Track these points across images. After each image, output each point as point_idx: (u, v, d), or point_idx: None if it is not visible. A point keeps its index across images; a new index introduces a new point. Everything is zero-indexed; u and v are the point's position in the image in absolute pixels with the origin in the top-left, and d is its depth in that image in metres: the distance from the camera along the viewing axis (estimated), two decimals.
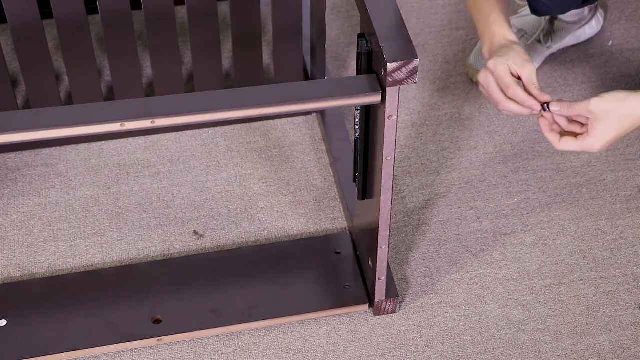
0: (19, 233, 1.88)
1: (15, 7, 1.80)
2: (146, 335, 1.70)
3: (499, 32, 1.67)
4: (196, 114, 1.43)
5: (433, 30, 2.23)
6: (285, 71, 2.02)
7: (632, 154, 2.00)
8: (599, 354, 1.72)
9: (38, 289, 1.77)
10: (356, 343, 1.73)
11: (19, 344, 1.68)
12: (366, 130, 1.60)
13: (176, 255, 1.85)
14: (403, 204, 1.92)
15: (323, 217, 1.90)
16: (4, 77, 1.90)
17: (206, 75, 1.99)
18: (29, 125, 1.41)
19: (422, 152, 2.01)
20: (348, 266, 1.79)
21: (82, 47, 1.89)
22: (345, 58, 2.18)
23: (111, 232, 1.88)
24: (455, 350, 1.72)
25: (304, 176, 1.97)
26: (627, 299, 1.79)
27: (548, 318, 1.76)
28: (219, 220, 1.90)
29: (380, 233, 1.63)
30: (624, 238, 1.87)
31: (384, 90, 1.46)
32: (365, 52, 1.50)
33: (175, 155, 2.00)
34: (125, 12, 1.85)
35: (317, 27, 1.95)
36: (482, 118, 2.06)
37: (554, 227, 1.89)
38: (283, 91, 1.46)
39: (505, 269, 1.83)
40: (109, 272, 1.79)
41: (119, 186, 1.95)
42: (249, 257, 1.81)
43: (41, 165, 1.98)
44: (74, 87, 1.95)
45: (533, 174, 1.96)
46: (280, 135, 2.04)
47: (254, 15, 1.92)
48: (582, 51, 2.18)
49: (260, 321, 1.72)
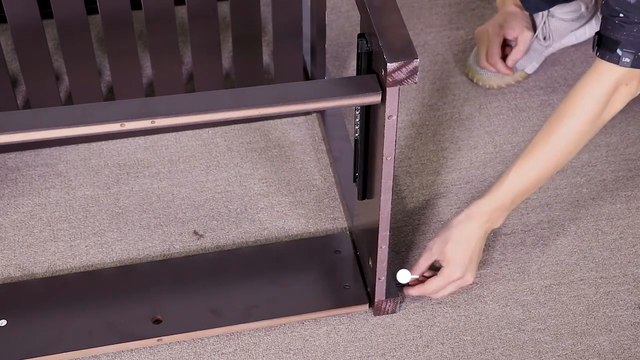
0: (19, 233, 1.88)
1: (15, 7, 1.80)
2: (146, 335, 1.70)
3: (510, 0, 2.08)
4: (196, 114, 1.43)
5: (433, 30, 2.23)
6: (285, 71, 2.02)
7: (632, 154, 2.00)
8: (599, 354, 1.72)
9: (38, 289, 1.77)
10: (356, 343, 1.73)
11: (19, 344, 1.68)
12: (366, 130, 1.60)
13: (176, 255, 1.85)
14: (403, 204, 1.92)
15: (323, 217, 1.90)
16: (4, 77, 1.90)
17: (206, 75, 1.99)
18: (29, 125, 1.41)
19: (422, 152, 2.01)
20: (348, 266, 1.79)
21: (82, 47, 1.89)
22: (345, 58, 2.18)
23: (111, 232, 1.88)
24: (455, 350, 1.72)
25: (304, 176, 1.97)
26: (627, 299, 1.79)
27: (548, 318, 1.76)
28: (219, 220, 1.90)
29: (380, 233, 1.63)
30: (624, 238, 1.87)
31: (384, 90, 1.46)
32: (365, 52, 1.50)
33: (175, 155, 2.00)
34: (125, 12, 1.85)
35: (317, 27, 1.95)
36: (482, 118, 2.06)
37: (554, 227, 1.89)
38: (283, 91, 1.46)
39: (505, 269, 1.83)
40: (109, 272, 1.79)
41: (119, 186, 1.95)
42: (249, 257, 1.81)
43: (41, 165, 1.98)
44: (74, 87, 1.95)
45: None
46: (280, 135, 2.03)
47: (254, 15, 1.92)
48: (582, 51, 2.18)
49: (260, 321, 1.72)
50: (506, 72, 2.07)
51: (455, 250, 1.70)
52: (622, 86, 1.60)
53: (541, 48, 2.12)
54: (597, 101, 1.60)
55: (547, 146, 1.65)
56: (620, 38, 1.56)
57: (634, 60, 1.57)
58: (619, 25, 1.56)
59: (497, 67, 2.06)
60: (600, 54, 1.59)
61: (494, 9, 2.27)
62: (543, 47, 2.12)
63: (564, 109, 1.63)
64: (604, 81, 1.59)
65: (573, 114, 1.62)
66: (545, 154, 1.65)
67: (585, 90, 1.61)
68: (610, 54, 1.58)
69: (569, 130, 1.63)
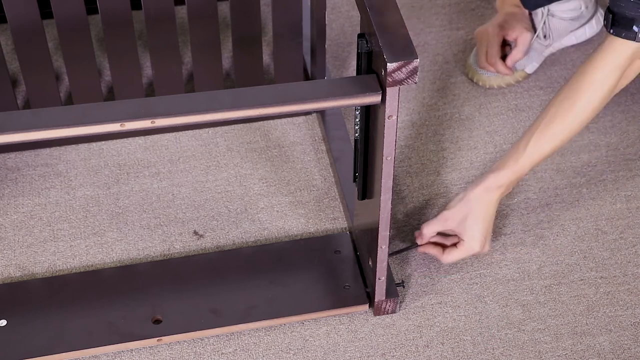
0: (19, 233, 1.88)
1: (15, 7, 1.80)
2: (146, 335, 1.70)
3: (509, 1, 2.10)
4: (196, 114, 1.43)
5: (433, 30, 2.23)
6: (285, 71, 2.02)
7: (632, 154, 2.00)
8: (599, 354, 1.72)
9: (38, 289, 1.77)
10: (356, 343, 1.73)
11: (19, 344, 1.68)
12: (366, 130, 1.60)
13: (176, 255, 1.85)
14: (403, 204, 1.92)
15: (323, 217, 1.90)
16: (4, 77, 1.90)
17: (206, 75, 1.99)
18: (29, 125, 1.41)
19: (422, 152, 2.01)
20: (348, 266, 1.79)
21: (82, 47, 1.89)
22: (345, 58, 2.18)
23: (111, 232, 1.88)
24: (455, 350, 1.72)
25: (304, 176, 1.97)
26: (627, 299, 1.79)
27: (548, 318, 1.76)
28: (219, 220, 1.90)
29: (380, 233, 1.63)
30: (624, 238, 1.87)
31: (384, 90, 1.46)
32: (365, 52, 1.50)
33: (175, 155, 2.00)
34: (125, 12, 1.85)
35: (317, 27, 1.95)
36: (482, 118, 2.06)
37: (554, 227, 1.89)
38: (283, 91, 1.46)
39: (505, 269, 1.83)
40: (109, 272, 1.79)
41: (119, 186, 1.95)
42: (249, 257, 1.81)
43: (41, 165, 1.98)
44: (74, 87, 1.95)
45: (533, 174, 1.96)
46: (280, 135, 2.04)
47: (254, 15, 1.92)
48: (582, 51, 2.18)
49: (260, 321, 1.72)
50: (506, 72, 2.07)
51: (475, 228, 1.73)
52: (637, 60, 1.67)
53: (541, 48, 2.12)
54: (614, 76, 1.67)
55: (566, 120, 1.70)
56: (636, 15, 1.62)
57: None
58: (634, 3, 1.62)
59: (496, 67, 2.07)
60: (616, 31, 1.65)
61: (494, 9, 2.27)
62: (543, 46, 2.12)
63: (581, 85, 1.68)
64: (620, 57, 1.66)
65: (589, 89, 1.67)
66: (564, 128, 1.70)
67: (602, 65, 1.66)
68: (627, 32, 1.63)
69: (588, 105, 1.68)
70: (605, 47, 1.66)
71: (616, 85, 1.68)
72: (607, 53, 1.66)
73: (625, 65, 1.66)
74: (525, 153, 1.71)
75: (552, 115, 1.70)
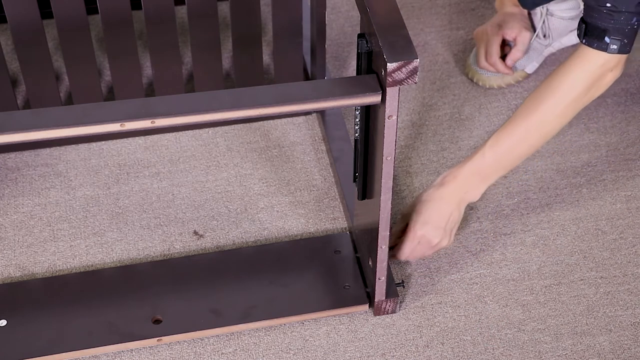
0: (19, 233, 1.88)
1: (15, 7, 1.80)
2: (146, 335, 1.70)
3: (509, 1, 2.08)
4: (196, 114, 1.43)
5: (433, 30, 2.23)
6: (285, 71, 2.02)
7: (632, 154, 2.00)
8: (599, 354, 1.72)
9: (38, 289, 1.77)
10: (356, 343, 1.73)
11: (19, 344, 1.68)
12: (366, 130, 1.60)
13: (176, 255, 1.85)
14: (403, 204, 1.92)
15: (323, 217, 1.90)
16: (4, 77, 1.90)
17: (206, 75, 1.99)
18: (29, 125, 1.41)
19: (422, 152, 2.01)
20: (348, 266, 1.79)
21: (82, 47, 1.89)
22: (345, 58, 2.18)
23: (111, 232, 1.88)
24: (455, 350, 1.72)
25: (304, 176, 1.97)
26: (627, 299, 1.79)
27: (548, 318, 1.76)
28: (219, 220, 1.90)
29: (380, 233, 1.63)
30: (624, 238, 1.87)
31: (384, 90, 1.46)
32: (365, 52, 1.50)
33: (175, 155, 2.00)
34: (125, 12, 1.85)
35: (317, 27, 1.95)
36: (482, 118, 2.06)
37: (554, 227, 1.89)
38: (283, 91, 1.46)
39: (505, 269, 1.83)
40: (109, 272, 1.79)
41: (119, 186, 1.95)
42: (249, 257, 1.81)
43: (41, 165, 1.98)
44: (74, 87, 1.95)
45: (533, 174, 1.96)
46: (280, 135, 2.04)
47: (254, 15, 1.92)
48: None
49: (260, 321, 1.72)
50: (505, 71, 2.07)
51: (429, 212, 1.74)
52: (608, 72, 1.66)
53: (541, 47, 2.12)
54: (581, 85, 1.66)
55: (526, 122, 1.70)
56: (608, 26, 1.62)
57: (621, 46, 1.63)
58: (606, 15, 1.61)
59: (496, 67, 2.07)
60: (588, 42, 1.65)
61: (493, 9, 2.27)
62: (543, 46, 2.12)
63: (547, 90, 1.68)
64: (590, 66, 1.66)
65: (555, 94, 1.67)
66: (523, 129, 1.70)
67: (571, 72, 1.66)
68: (599, 42, 1.64)
69: (550, 110, 1.68)
70: (577, 55, 1.67)
71: (585, 94, 1.67)
72: (578, 60, 1.66)
73: (596, 74, 1.65)
74: (482, 149, 1.73)
75: (516, 116, 1.71)
